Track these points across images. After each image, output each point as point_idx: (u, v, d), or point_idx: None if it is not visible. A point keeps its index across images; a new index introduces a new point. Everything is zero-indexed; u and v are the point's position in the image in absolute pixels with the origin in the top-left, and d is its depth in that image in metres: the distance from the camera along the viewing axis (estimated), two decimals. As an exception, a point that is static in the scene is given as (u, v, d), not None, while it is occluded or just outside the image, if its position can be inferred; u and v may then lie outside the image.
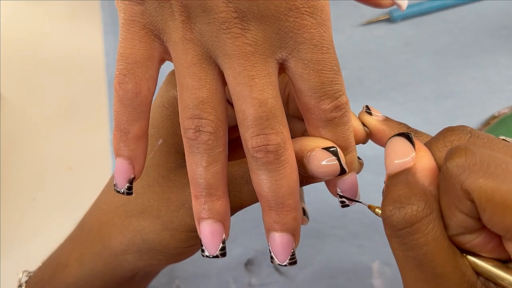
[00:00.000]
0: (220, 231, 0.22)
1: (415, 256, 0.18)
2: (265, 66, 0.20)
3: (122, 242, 0.26)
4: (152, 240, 0.25)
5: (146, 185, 0.25)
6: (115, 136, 0.22)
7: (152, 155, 0.25)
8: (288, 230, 0.21)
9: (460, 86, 0.43)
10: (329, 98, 0.21)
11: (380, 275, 0.39)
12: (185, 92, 0.21)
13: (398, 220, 0.18)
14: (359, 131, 0.24)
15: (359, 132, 0.24)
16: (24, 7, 0.53)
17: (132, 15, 0.20)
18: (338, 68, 0.21)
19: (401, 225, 0.18)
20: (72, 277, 0.28)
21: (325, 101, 0.21)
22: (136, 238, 0.26)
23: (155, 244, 0.25)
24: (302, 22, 0.19)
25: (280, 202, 0.21)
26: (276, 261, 0.22)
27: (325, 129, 0.22)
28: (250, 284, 0.39)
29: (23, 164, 0.46)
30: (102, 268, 0.27)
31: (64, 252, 0.29)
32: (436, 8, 0.46)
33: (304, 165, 0.22)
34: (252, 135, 0.20)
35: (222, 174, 0.21)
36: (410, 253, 0.18)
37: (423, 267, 0.18)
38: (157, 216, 0.25)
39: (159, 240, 0.25)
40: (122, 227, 0.26)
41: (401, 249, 0.18)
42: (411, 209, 0.18)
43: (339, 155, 0.21)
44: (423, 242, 0.17)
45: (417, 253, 0.18)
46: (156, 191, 0.25)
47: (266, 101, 0.20)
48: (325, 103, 0.21)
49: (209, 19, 0.19)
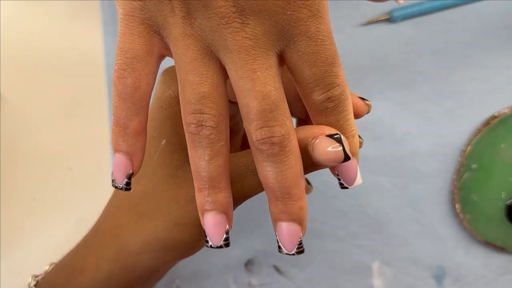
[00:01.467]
0: (224, 222, 0.22)
1: None
2: (266, 59, 0.20)
3: (137, 242, 0.26)
4: (165, 237, 0.26)
5: (154, 185, 0.26)
6: (114, 131, 0.22)
7: (158, 156, 0.26)
8: (295, 220, 0.22)
9: (460, 86, 0.43)
10: (321, 89, 0.21)
11: (380, 275, 0.39)
12: (187, 88, 0.21)
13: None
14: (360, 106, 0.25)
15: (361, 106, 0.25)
16: (24, 7, 0.53)
17: (131, 10, 0.21)
18: (334, 60, 0.21)
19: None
20: (90, 281, 0.28)
21: (316, 92, 0.21)
22: (150, 238, 0.26)
23: (168, 241, 0.26)
24: (298, 15, 0.20)
25: (287, 192, 0.21)
26: (284, 250, 0.22)
27: (319, 118, 0.22)
28: (250, 284, 0.39)
29: (23, 164, 0.46)
30: (118, 271, 0.27)
31: (79, 257, 0.29)
32: (436, 8, 0.46)
33: (308, 153, 0.22)
34: (256, 127, 0.20)
35: (224, 167, 0.22)
36: None
37: None
38: (167, 213, 0.25)
39: (172, 236, 0.25)
40: (136, 228, 0.26)
41: None
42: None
43: (343, 142, 0.22)
44: None
45: None
46: (165, 189, 0.25)
47: (269, 94, 0.20)
48: (316, 94, 0.21)
49: (209, 14, 0.19)
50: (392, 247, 0.39)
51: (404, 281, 0.38)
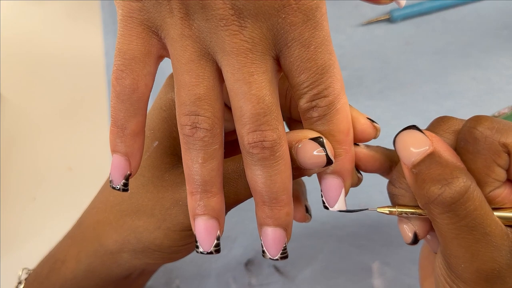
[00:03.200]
0: (215, 228, 0.22)
1: (467, 223, 0.20)
2: (263, 63, 0.20)
3: (117, 240, 0.26)
4: (146, 239, 0.25)
5: (140, 185, 0.25)
6: (112, 132, 0.22)
7: (147, 156, 0.25)
8: (280, 225, 0.22)
9: (460, 86, 0.43)
10: (308, 97, 0.21)
11: (380, 275, 0.39)
12: (182, 89, 0.21)
13: (450, 195, 0.19)
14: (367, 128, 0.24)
15: (368, 129, 0.24)
16: (24, 7, 0.53)
17: (130, 11, 0.21)
18: (328, 69, 0.20)
19: (455, 199, 0.19)
20: (70, 273, 0.28)
21: (302, 99, 0.21)
22: (130, 237, 0.26)
23: (149, 243, 0.25)
24: (293, 19, 0.19)
25: (274, 197, 0.21)
26: (267, 255, 0.22)
27: (305, 125, 0.22)
28: (250, 284, 0.39)
29: (23, 164, 0.46)
30: (98, 266, 0.27)
31: (62, 249, 0.29)
32: (436, 8, 0.46)
33: (292, 157, 0.22)
34: (248, 131, 0.20)
35: (218, 171, 0.22)
36: (463, 222, 0.20)
37: (475, 231, 0.20)
38: (151, 215, 0.25)
39: (153, 239, 0.25)
40: (117, 226, 0.26)
41: (453, 222, 0.20)
42: (458, 182, 0.20)
43: (326, 145, 0.21)
44: (473, 208, 0.20)
45: (469, 219, 0.20)
46: (151, 191, 0.25)
47: (264, 98, 0.20)
48: (302, 101, 0.21)
49: (207, 15, 0.19)
50: (392, 247, 0.39)
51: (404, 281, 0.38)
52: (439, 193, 0.20)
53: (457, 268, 0.21)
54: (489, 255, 0.20)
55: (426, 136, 0.21)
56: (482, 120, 0.21)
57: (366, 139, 0.24)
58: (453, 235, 0.20)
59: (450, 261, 0.21)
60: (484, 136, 0.20)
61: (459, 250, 0.20)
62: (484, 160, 0.21)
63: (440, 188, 0.20)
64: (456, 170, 0.20)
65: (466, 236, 0.20)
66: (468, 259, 0.20)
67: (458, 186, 0.19)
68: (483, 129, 0.20)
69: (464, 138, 0.21)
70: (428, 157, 0.21)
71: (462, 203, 0.20)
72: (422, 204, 0.21)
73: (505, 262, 0.20)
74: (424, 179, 0.20)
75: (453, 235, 0.20)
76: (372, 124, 0.24)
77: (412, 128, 0.22)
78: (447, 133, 0.22)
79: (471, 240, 0.20)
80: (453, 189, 0.19)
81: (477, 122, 0.21)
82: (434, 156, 0.21)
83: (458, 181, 0.20)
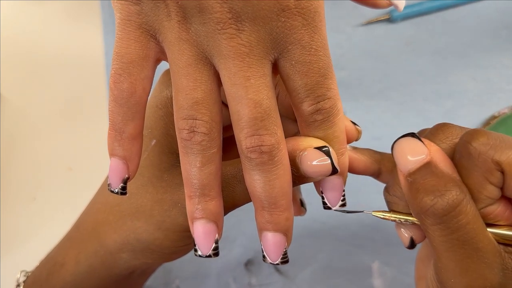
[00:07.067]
0: (213, 231, 0.22)
1: (459, 236, 0.19)
2: (261, 67, 0.20)
3: (117, 241, 0.26)
4: (146, 239, 0.25)
5: (140, 185, 0.25)
6: (110, 135, 0.22)
7: (146, 156, 0.25)
8: (280, 230, 0.22)
9: (460, 86, 0.43)
10: (311, 101, 0.21)
11: (380, 275, 0.39)
12: (180, 93, 0.21)
13: (442, 207, 0.19)
14: (350, 130, 0.24)
15: (351, 131, 0.24)
16: (24, 7, 0.53)
17: (128, 14, 0.20)
18: (328, 72, 0.20)
19: (446, 211, 0.19)
20: (69, 275, 0.28)
21: (306, 103, 0.21)
22: (130, 238, 0.26)
23: (148, 243, 0.25)
24: (293, 23, 0.19)
25: (273, 202, 0.21)
26: (268, 260, 0.22)
27: (307, 130, 0.22)
28: (250, 284, 0.39)
29: (23, 164, 0.46)
30: (98, 266, 0.27)
31: (61, 251, 0.29)
32: (436, 8, 0.46)
33: (296, 165, 0.22)
34: (246, 135, 0.20)
35: (216, 174, 0.22)
36: (454, 235, 0.20)
37: (467, 245, 0.19)
38: (150, 215, 0.25)
39: (152, 239, 0.25)
40: (116, 226, 0.26)
41: (445, 234, 0.20)
42: (451, 195, 0.19)
43: (331, 155, 0.21)
44: (466, 222, 0.19)
45: (461, 233, 0.19)
46: (150, 191, 0.25)
47: (261, 102, 0.20)
48: (305, 104, 0.21)
49: (205, 19, 0.19)
50: (392, 247, 0.39)
51: (404, 281, 0.38)
52: (431, 204, 0.20)
53: (447, 282, 0.21)
54: (479, 271, 0.20)
55: (424, 145, 0.21)
56: (478, 136, 0.20)
57: (349, 141, 0.25)
58: (444, 248, 0.20)
59: (441, 275, 0.21)
60: (477, 153, 0.20)
61: (450, 264, 0.20)
62: (477, 177, 0.20)
63: (433, 200, 0.20)
64: (451, 182, 0.20)
65: (457, 250, 0.20)
66: (458, 274, 0.20)
67: (450, 199, 0.19)
68: (478, 145, 0.20)
69: (459, 151, 0.21)
70: (424, 167, 0.21)
71: (454, 216, 0.19)
72: (415, 213, 0.21)
73: (497, 280, 0.20)
74: (418, 189, 0.20)
75: (444, 248, 0.20)
76: (354, 126, 0.25)
77: (411, 135, 0.21)
78: (445, 143, 0.22)
79: (462, 254, 0.20)
80: (445, 201, 0.19)
81: (473, 137, 0.20)
82: (430, 166, 0.21)
83: (451, 193, 0.20)
